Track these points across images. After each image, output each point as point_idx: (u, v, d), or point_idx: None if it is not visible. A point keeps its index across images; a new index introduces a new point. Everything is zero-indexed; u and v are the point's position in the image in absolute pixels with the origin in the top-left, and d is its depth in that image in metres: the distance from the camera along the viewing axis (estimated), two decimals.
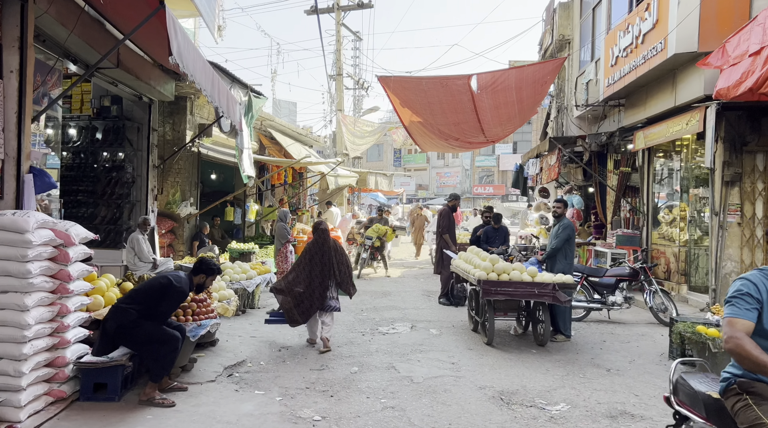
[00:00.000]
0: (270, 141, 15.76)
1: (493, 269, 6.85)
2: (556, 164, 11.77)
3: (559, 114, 15.61)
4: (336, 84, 20.77)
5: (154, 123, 9.33)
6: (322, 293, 6.87)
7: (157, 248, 9.41)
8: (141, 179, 9.20)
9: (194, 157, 12.52)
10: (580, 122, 14.24)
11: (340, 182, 16.54)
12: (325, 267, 6.90)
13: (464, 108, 11.79)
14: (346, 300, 10.31)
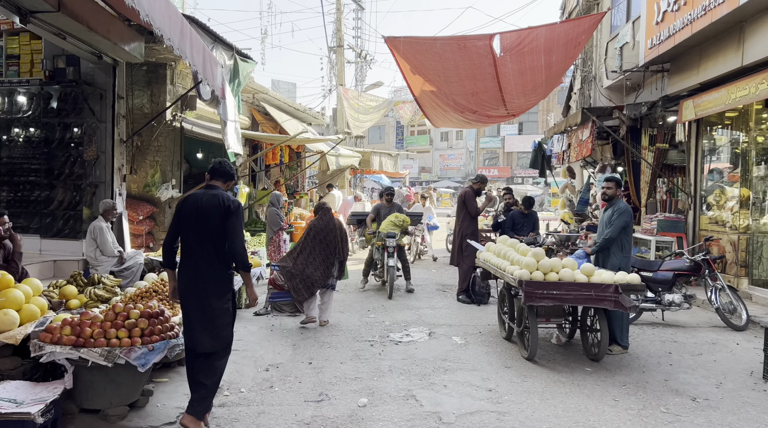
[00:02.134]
0: (264, 117, 14.23)
1: (538, 267, 5.39)
2: (589, 138, 10.27)
3: (584, 85, 14.03)
4: (337, 56, 19.15)
5: (120, 89, 7.83)
6: (324, 272, 7.04)
7: (127, 239, 7.97)
8: (105, 157, 7.73)
9: (176, 133, 11.01)
10: (609, 94, 12.69)
11: (342, 163, 15.04)
12: (330, 246, 7.06)
13: (484, 75, 10.25)
14: (349, 298, 8.92)
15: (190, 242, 3.90)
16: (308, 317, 7.10)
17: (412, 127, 66.96)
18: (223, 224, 3.87)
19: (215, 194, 3.98)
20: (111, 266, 7.08)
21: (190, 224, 3.91)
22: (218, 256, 3.89)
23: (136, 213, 10.32)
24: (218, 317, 3.89)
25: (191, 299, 3.82)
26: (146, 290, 4.50)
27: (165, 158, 10.81)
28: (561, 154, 11.94)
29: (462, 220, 8.69)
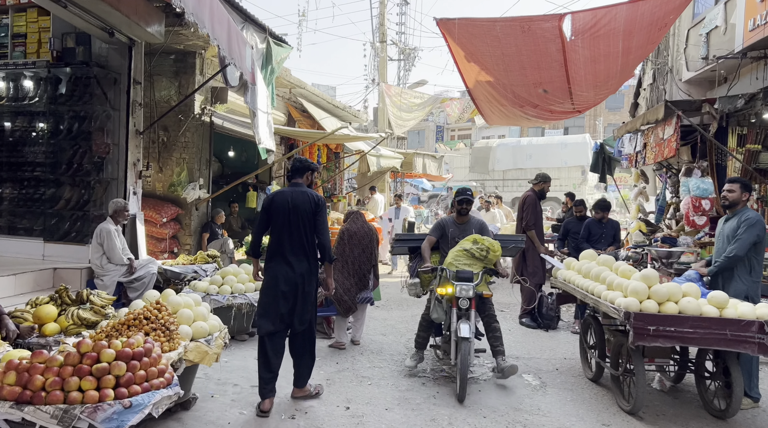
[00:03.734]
0: (301, 114, 13.22)
1: (650, 295, 4.07)
2: (673, 136, 8.81)
3: (657, 80, 12.48)
4: (380, 53, 18.01)
5: (137, 73, 6.87)
6: (359, 281, 6.16)
7: (142, 244, 6.99)
8: (118, 150, 6.77)
9: (205, 128, 10.10)
10: (689, 88, 11.15)
11: (383, 164, 13.88)
12: (366, 251, 6.22)
13: (550, 62, 8.92)
14: (392, 317, 7.70)
15: (281, 236, 4.31)
16: (337, 342, 6.14)
17: (452, 131, 65.52)
18: (313, 218, 4.33)
19: (303, 191, 4.41)
20: (119, 275, 6.09)
21: (281, 218, 4.31)
22: (307, 247, 4.32)
23: (159, 215, 9.41)
24: (306, 302, 4.34)
25: (282, 287, 4.25)
26: (135, 316, 3.42)
27: (192, 155, 9.89)
28: (634, 155, 10.46)
29: (524, 230, 7.38)
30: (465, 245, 5.12)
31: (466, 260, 5.03)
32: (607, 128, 54.90)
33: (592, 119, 55.54)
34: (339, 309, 5.96)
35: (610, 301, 4.24)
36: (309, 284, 4.33)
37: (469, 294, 4.72)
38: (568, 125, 58.93)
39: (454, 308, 4.80)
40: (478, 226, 5.51)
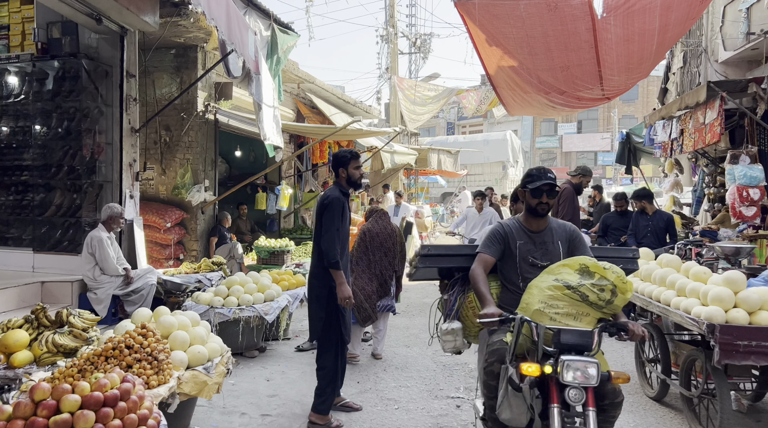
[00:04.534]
0: (311, 110, 12.60)
1: (737, 302, 3.37)
2: (717, 120, 8.05)
3: (690, 62, 11.69)
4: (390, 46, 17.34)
5: (131, 65, 6.26)
6: (380, 287, 5.50)
7: (141, 253, 6.39)
8: (112, 149, 6.18)
9: (209, 127, 9.51)
10: (726, 69, 10.37)
11: (397, 161, 13.21)
12: (388, 255, 5.54)
13: (579, 43, 8.20)
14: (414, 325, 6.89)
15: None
16: (350, 354, 5.38)
17: (463, 127, 64.71)
18: (319, 219, 4.05)
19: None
20: (115, 287, 5.49)
21: None
22: (318, 253, 4.04)
23: (162, 219, 8.84)
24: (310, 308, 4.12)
25: None
26: (114, 345, 2.79)
27: (197, 155, 9.31)
28: (669, 143, 9.70)
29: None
30: (566, 278, 2.71)
31: (569, 307, 2.65)
32: (621, 120, 53.88)
33: (606, 110, 54.54)
34: (357, 317, 5.30)
35: (685, 310, 3.55)
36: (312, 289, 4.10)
37: (589, 380, 2.47)
38: (582, 118, 58.00)
39: (554, 405, 2.48)
40: (567, 235, 3.13)
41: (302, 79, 11.51)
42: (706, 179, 10.62)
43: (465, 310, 3.26)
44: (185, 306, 5.37)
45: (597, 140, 54.70)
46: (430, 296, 8.95)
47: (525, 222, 3.15)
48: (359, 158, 4.20)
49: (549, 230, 3.13)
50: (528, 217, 3.14)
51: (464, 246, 3.79)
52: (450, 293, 3.42)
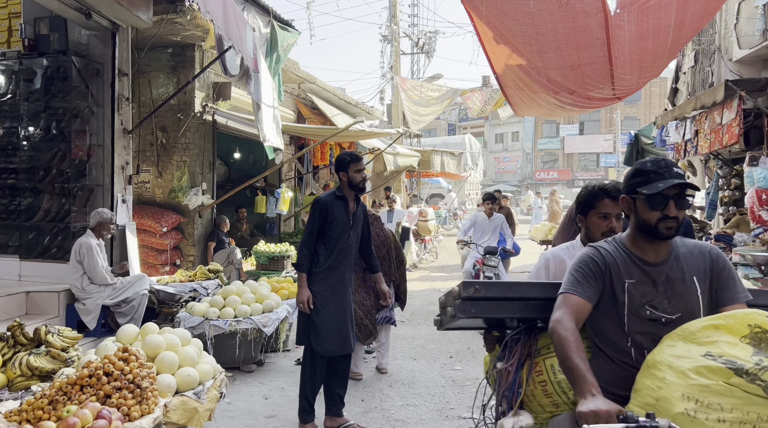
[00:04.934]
0: (311, 111, 12.30)
1: None
2: (736, 120, 7.73)
3: (702, 61, 11.38)
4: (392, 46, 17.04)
5: (123, 63, 5.96)
6: (377, 300, 4.95)
7: (134, 260, 6.08)
8: (103, 152, 5.88)
9: (207, 128, 9.21)
10: (740, 68, 10.05)
11: (400, 163, 12.91)
12: (383, 265, 5.06)
13: (590, 41, 7.89)
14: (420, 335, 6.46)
15: None
16: (354, 373, 5.05)
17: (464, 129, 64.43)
18: None
19: None
20: (104, 297, 5.18)
21: None
22: None
23: (158, 224, 8.53)
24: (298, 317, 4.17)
25: None
26: (91, 372, 2.48)
27: (194, 157, 9.01)
28: (682, 145, 9.39)
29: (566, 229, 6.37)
30: (728, 352, 1.56)
31: (743, 409, 1.46)
32: (624, 121, 53.60)
33: (608, 112, 54.26)
34: (358, 335, 4.94)
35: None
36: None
37: None
38: (584, 120, 57.72)
39: None
40: (708, 264, 1.94)
41: (303, 79, 11.21)
42: (720, 182, 10.30)
43: (532, 385, 2.09)
44: (179, 318, 5.06)
45: (599, 142, 54.43)
46: (435, 303, 8.64)
47: (634, 247, 1.96)
48: (360, 161, 4.02)
49: (675, 259, 1.93)
50: (639, 240, 1.94)
51: (531, 285, 2.34)
52: (507, 359, 2.15)
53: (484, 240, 7.29)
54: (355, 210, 4.05)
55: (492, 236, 7.34)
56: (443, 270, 12.57)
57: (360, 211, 4.11)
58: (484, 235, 7.43)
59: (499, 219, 7.60)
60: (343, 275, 3.99)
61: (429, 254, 13.97)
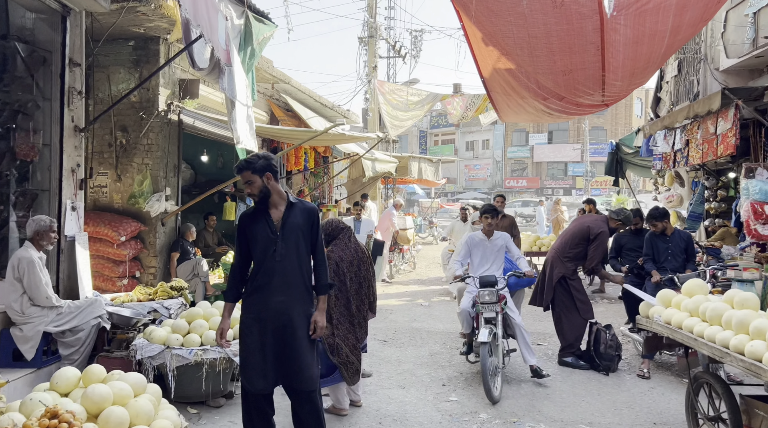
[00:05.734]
0: (285, 113, 11.67)
1: None
2: (732, 130, 7.45)
3: (686, 70, 11.20)
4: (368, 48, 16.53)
5: (75, 52, 5.26)
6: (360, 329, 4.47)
7: (85, 278, 5.35)
8: (51, 152, 5.16)
9: (172, 128, 8.49)
10: (727, 78, 9.86)
11: (378, 169, 12.37)
12: (363, 287, 4.49)
13: (584, 45, 7.51)
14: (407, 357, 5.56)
15: None
16: (338, 409, 4.48)
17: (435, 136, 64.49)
18: None
19: None
20: (47, 323, 4.45)
21: None
22: None
23: (116, 232, 7.76)
24: None
25: None
26: None
27: (157, 160, 8.27)
28: (671, 155, 9.11)
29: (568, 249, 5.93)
30: None
31: None
32: (591, 131, 54.36)
33: (576, 122, 55.01)
34: (344, 376, 4.26)
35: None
36: None
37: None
38: (553, 129, 58.39)
39: None
40: None
41: (277, 78, 10.56)
42: (706, 193, 10.09)
43: None
44: (135, 346, 4.38)
45: (567, 151, 55.14)
46: (418, 319, 8.10)
47: None
48: (242, 171, 3.39)
49: None
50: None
51: None
52: None
53: (484, 270, 5.57)
54: (285, 216, 3.39)
55: (495, 263, 5.65)
56: (422, 282, 12.06)
57: (296, 215, 3.40)
58: (484, 263, 5.66)
59: (503, 239, 5.76)
60: (269, 299, 3.33)
61: (407, 264, 13.44)
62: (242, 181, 3.42)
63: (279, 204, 3.42)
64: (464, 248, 5.76)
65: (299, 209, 3.43)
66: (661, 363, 5.85)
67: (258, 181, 3.36)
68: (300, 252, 3.39)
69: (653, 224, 5.97)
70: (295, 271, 3.36)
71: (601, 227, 5.91)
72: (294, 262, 3.36)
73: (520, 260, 5.79)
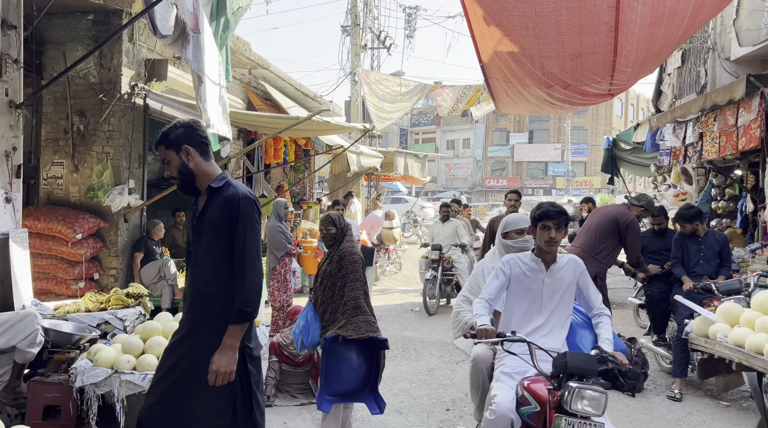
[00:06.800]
0: (263, 101, 10.81)
1: None
2: (757, 121, 6.84)
3: (692, 61, 10.63)
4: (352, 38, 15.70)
5: (10, 13, 4.37)
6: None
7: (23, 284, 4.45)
8: None
9: (137, 113, 7.63)
10: (738, 68, 9.31)
11: (364, 163, 11.58)
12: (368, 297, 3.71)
13: (597, 26, 6.83)
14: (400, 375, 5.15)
15: None
16: None
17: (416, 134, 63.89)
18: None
19: None
20: None
21: None
22: None
23: (71, 229, 6.86)
24: None
25: None
26: None
27: (119, 149, 7.39)
28: (681, 149, 8.50)
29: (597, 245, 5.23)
30: None
31: None
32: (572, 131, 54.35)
33: (557, 121, 55.03)
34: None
35: None
36: None
37: None
38: (533, 129, 58.32)
39: None
40: None
41: (255, 63, 9.70)
42: (713, 192, 9.52)
43: None
44: (75, 369, 3.53)
45: (548, 151, 55.06)
46: (410, 327, 7.35)
47: None
48: (157, 147, 2.64)
49: None
50: None
51: None
52: None
53: (534, 329, 3.07)
54: (204, 209, 2.60)
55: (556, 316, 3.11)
56: (409, 283, 11.32)
57: (214, 207, 2.55)
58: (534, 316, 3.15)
59: (572, 270, 3.13)
60: (183, 318, 2.65)
61: (392, 265, 12.69)
62: (161, 160, 2.62)
63: (204, 191, 2.63)
64: (496, 280, 3.12)
65: (219, 199, 2.55)
66: (689, 382, 5.19)
67: (175, 158, 2.56)
68: (215, 259, 2.52)
69: (683, 225, 5.31)
70: (208, 284, 2.53)
71: (628, 215, 5.27)
72: (208, 272, 2.53)
73: (602, 324, 3.07)
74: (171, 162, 2.56)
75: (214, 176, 2.61)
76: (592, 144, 53.70)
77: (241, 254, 2.46)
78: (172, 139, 2.55)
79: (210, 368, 2.39)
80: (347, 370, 3.34)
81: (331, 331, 3.40)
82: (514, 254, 3.21)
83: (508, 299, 3.15)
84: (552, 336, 3.00)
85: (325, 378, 3.28)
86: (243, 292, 2.42)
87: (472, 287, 3.56)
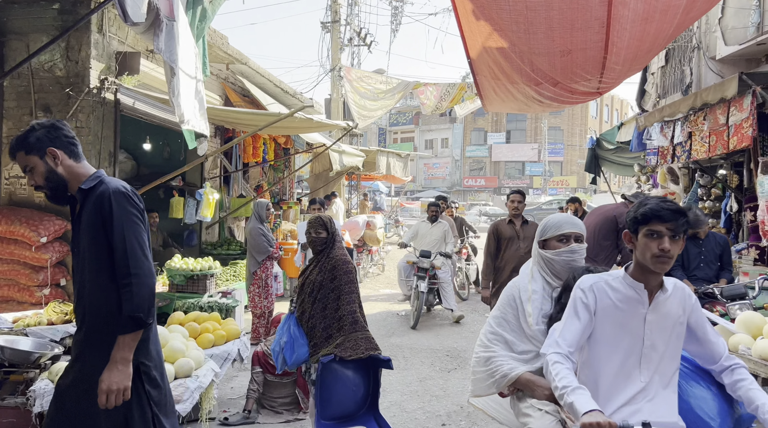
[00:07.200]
0: (242, 98, 10.42)
1: None
2: (749, 120, 6.74)
3: (676, 60, 10.57)
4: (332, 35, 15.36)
5: None
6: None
7: None
8: None
9: (108, 109, 7.19)
10: (723, 67, 9.25)
11: (346, 162, 11.25)
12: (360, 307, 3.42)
13: (588, 21, 6.65)
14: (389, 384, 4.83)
15: None
16: None
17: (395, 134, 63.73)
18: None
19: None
20: None
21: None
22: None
23: (35, 232, 6.42)
24: None
25: None
26: None
27: (88, 147, 6.97)
28: (670, 149, 8.40)
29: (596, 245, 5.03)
30: None
31: None
32: (549, 131, 54.75)
33: (534, 121, 55.43)
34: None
35: None
36: None
37: None
38: (511, 129, 58.64)
39: None
40: None
41: (232, 58, 9.32)
42: (699, 192, 9.46)
43: None
44: (34, 392, 3.16)
45: (525, 150, 55.42)
46: (397, 333, 7.07)
47: None
48: (13, 154, 2.34)
49: None
50: None
51: None
52: None
53: (638, 409, 2.11)
54: (79, 215, 2.34)
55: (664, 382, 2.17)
56: (392, 285, 11.05)
57: (87, 209, 2.27)
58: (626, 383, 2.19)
59: (682, 305, 2.27)
60: (75, 337, 2.37)
61: (375, 266, 12.40)
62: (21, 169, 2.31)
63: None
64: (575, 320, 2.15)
65: (91, 200, 2.27)
66: None
67: (39, 164, 2.26)
68: (98, 266, 2.24)
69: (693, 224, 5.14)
70: (94, 296, 2.25)
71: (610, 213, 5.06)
72: (93, 283, 2.26)
73: (747, 381, 2.14)
74: (35, 169, 2.26)
75: (82, 175, 2.33)
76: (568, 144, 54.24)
77: (122, 255, 2.17)
78: (32, 142, 2.23)
79: (99, 388, 2.08)
80: (344, 391, 3.05)
81: (326, 349, 3.10)
82: (596, 276, 2.18)
83: (590, 348, 2.13)
84: (659, 402, 2.04)
85: (320, 402, 2.98)
86: (131, 296, 2.14)
87: (503, 321, 2.55)
